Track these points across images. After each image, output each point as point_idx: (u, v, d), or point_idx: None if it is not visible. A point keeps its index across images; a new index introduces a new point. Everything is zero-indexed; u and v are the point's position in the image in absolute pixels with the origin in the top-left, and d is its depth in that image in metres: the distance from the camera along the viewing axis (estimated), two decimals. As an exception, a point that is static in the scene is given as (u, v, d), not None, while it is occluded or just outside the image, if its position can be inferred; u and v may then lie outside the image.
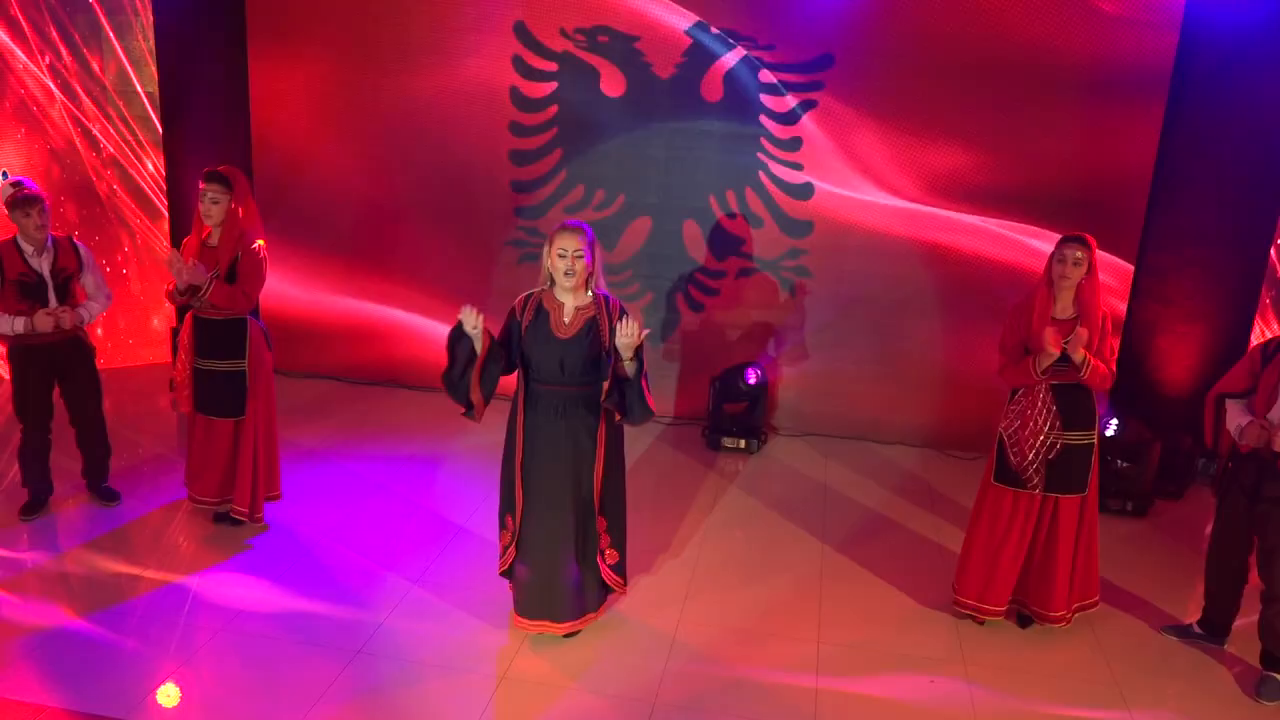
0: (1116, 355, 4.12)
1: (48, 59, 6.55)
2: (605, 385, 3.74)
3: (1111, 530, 5.48)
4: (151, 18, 6.71)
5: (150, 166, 7.03)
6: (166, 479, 5.40)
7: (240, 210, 4.56)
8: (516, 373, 3.92)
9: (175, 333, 6.60)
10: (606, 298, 3.85)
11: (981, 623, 4.40)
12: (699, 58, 6.23)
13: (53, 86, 6.60)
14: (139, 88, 6.84)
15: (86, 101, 6.73)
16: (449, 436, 6.26)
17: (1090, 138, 5.94)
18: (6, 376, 4.93)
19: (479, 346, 3.74)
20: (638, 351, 3.69)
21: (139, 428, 6.12)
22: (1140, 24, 5.73)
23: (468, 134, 6.60)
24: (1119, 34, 5.77)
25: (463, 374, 3.80)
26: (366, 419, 6.53)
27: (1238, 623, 4.33)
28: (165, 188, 7.05)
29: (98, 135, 6.83)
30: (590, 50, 6.31)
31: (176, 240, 7.16)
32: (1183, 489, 5.96)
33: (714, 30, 6.17)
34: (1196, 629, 4.39)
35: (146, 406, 6.51)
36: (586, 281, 3.81)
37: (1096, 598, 4.41)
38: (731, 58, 6.19)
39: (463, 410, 3.88)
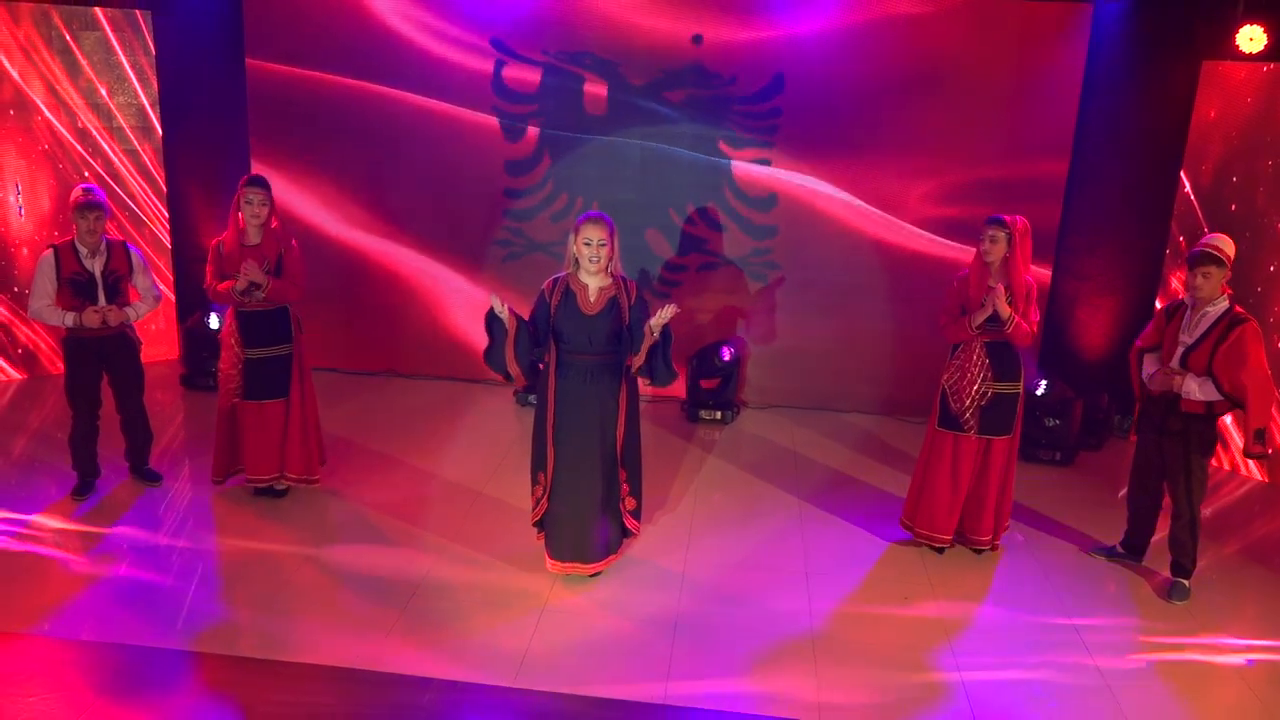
0: (1038, 320, 4.92)
1: (55, 74, 6.89)
2: (633, 358, 4.43)
3: (1044, 477, 6.32)
4: (152, 33, 7.11)
5: (139, 178, 7.38)
6: (197, 462, 5.85)
7: (273, 213, 5.09)
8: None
9: (186, 331, 7.05)
10: (624, 279, 4.48)
11: (941, 551, 5.15)
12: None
13: (39, 107, 6.94)
14: (143, 99, 7.21)
15: (89, 115, 7.08)
16: (449, 419, 6.82)
17: (1016, 138, 6.76)
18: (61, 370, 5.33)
19: (509, 327, 4.36)
20: (665, 328, 4.36)
21: (153, 417, 6.52)
22: (1052, 41, 6.57)
23: (459, 139, 7.15)
24: (1034, 51, 6.61)
25: (501, 350, 4.42)
26: (371, 406, 7.03)
27: (1153, 542, 5.15)
28: (154, 199, 7.40)
29: (100, 147, 7.17)
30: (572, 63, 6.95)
31: (179, 246, 7.57)
32: (1102, 441, 6.83)
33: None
34: (1119, 549, 5.20)
35: (153, 398, 6.88)
36: (607, 266, 4.42)
37: (1008, 524, 5.21)
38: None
39: (503, 379, 4.54)
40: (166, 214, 7.51)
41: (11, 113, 6.80)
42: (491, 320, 4.41)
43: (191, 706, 3.73)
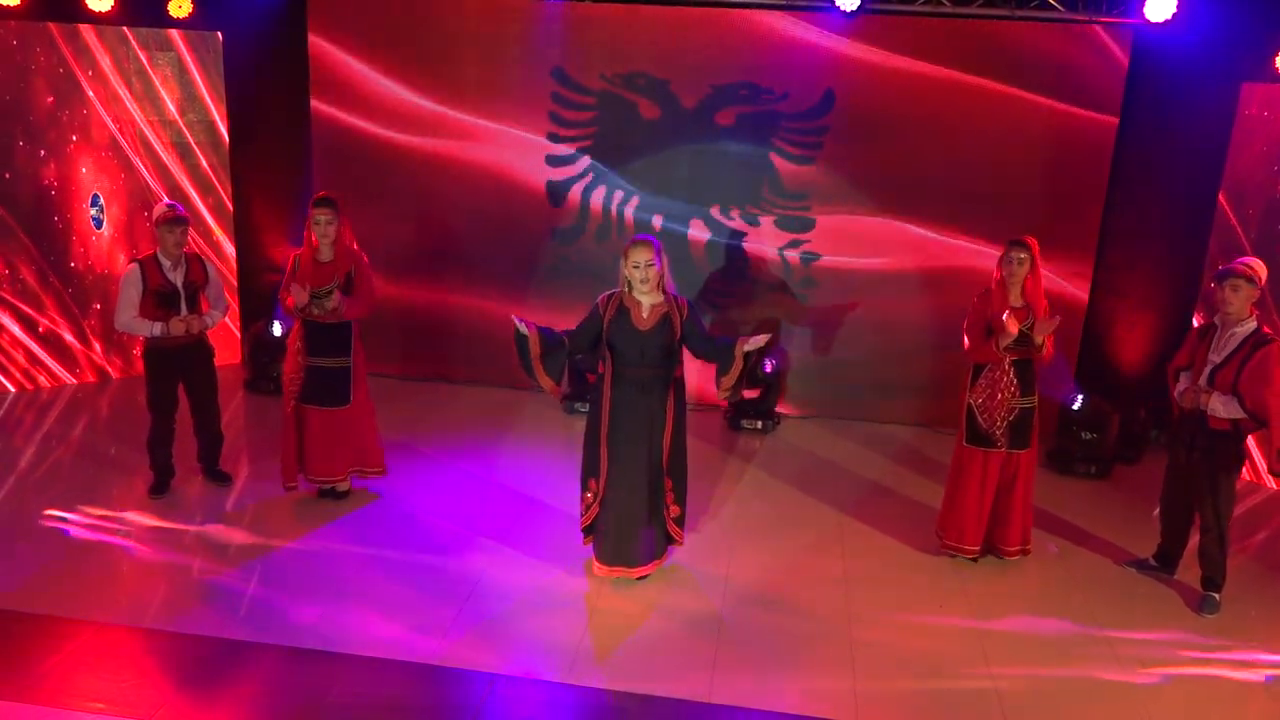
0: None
1: (131, 93, 7.25)
2: (724, 378, 4.65)
3: (1079, 489, 6.45)
4: (223, 53, 7.46)
5: (202, 194, 7.71)
6: (262, 464, 6.15)
7: (345, 229, 5.35)
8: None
9: (251, 337, 7.39)
10: (675, 295, 4.71)
11: (975, 560, 5.32)
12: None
13: (116, 125, 7.30)
14: (213, 115, 7.55)
15: (161, 131, 7.42)
16: (500, 425, 7.09)
17: (1054, 157, 6.89)
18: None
19: (532, 343, 4.64)
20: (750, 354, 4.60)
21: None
22: (1091, 65, 6.70)
23: (514, 154, 7.43)
24: (1075, 73, 6.74)
25: (528, 364, 4.68)
26: (425, 411, 7.31)
27: (1186, 555, 5.27)
28: (212, 214, 7.74)
29: (172, 162, 7.52)
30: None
31: (244, 255, 7.91)
32: (1138, 455, 6.94)
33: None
34: (1151, 562, 5.33)
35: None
36: (658, 284, 4.65)
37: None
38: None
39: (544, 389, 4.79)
40: (231, 227, 7.83)
41: (91, 131, 7.17)
42: (519, 340, 4.67)
43: (260, 695, 3.99)
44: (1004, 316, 4.91)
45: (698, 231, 7.40)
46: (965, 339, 5.15)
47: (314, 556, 5.08)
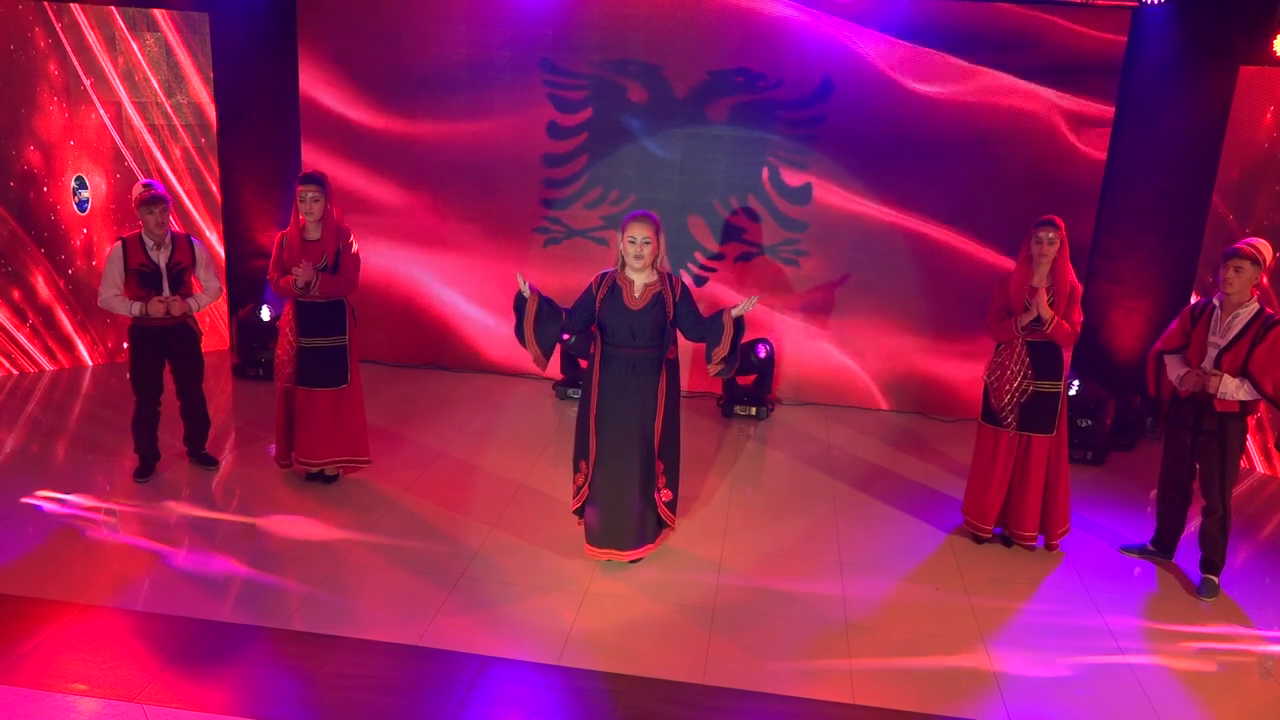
0: (1081, 320, 5.02)
1: (117, 73, 7.15)
2: (716, 349, 4.58)
3: (1075, 475, 6.37)
4: (210, 34, 7.36)
5: (190, 176, 7.61)
6: (250, 448, 6.06)
7: (334, 208, 5.26)
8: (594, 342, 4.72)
9: (239, 322, 7.30)
10: (670, 275, 4.64)
11: (980, 541, 5.27)
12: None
13: (102, 105, 7.21)
14: (200, 98, 7.45)
15: (151, 113, 7.33)
16: (492, 411, 7.01)
17: (1054, 143, 6.84)
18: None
19: (530, 305, 4.59)
20: (740, 319, 4.55)
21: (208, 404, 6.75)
22: (1091, 45, 6.65)
23: (503, 139, 7.34)
24: (1073, 55, 6.69)
25: (521, 329, 4.64)
26: (416, 398, 7.23)
27: (1182, 540, 5.23)
28: (197, 197, 7.65)
29: (158, 144, 7.42)
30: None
31: (231, 240, 7.81)
32: (1134, 441, 6.90)
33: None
34: (1150, 546, 5.28)
35: (206, 386, 7.11)
36: (653, 262, 4.58)
37: (1067, 526, 5.27)
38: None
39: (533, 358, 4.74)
40: (219, 210, 7.74)
41: (76, 109, 7.06)
42: (519, 301, 4.64)
43: (251, 676, 3.92)
44: (1039, 289, 4.87)
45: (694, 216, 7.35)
46: (988, 316, 5.14)
47: (301, 540, 5.00)
